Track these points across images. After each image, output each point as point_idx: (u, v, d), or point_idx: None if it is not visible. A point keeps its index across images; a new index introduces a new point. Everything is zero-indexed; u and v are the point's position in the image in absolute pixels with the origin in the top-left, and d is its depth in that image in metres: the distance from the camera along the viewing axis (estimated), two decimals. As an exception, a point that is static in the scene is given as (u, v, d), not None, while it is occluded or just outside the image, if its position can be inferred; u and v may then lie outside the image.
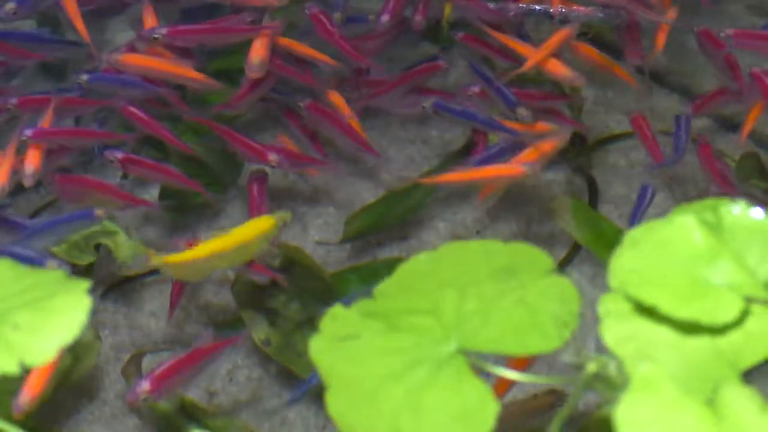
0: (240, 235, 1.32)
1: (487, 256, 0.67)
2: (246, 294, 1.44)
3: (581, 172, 1.70)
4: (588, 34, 1.65)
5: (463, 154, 1.71)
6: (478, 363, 0.64)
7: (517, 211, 1.62)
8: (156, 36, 1.53)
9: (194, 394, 1.47)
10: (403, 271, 0.67)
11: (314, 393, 1.35)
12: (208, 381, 1.52)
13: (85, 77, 1.60)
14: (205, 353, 1.31)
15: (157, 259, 1.26)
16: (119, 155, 1.49)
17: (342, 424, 0.64)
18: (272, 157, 1.47)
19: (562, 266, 1.52)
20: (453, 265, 0.67)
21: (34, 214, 1.71)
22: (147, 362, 1.46)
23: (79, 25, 1.64)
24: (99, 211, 1.49)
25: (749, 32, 1.67)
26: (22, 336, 0.62)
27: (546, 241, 1.59)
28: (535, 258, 0.66)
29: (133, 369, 1.44)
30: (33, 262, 1.38)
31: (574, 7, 1.63)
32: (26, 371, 0.63)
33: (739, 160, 1.52)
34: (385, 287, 0.67)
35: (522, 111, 1.49)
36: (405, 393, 0.63)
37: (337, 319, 0.66)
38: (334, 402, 0.64)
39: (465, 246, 0.67)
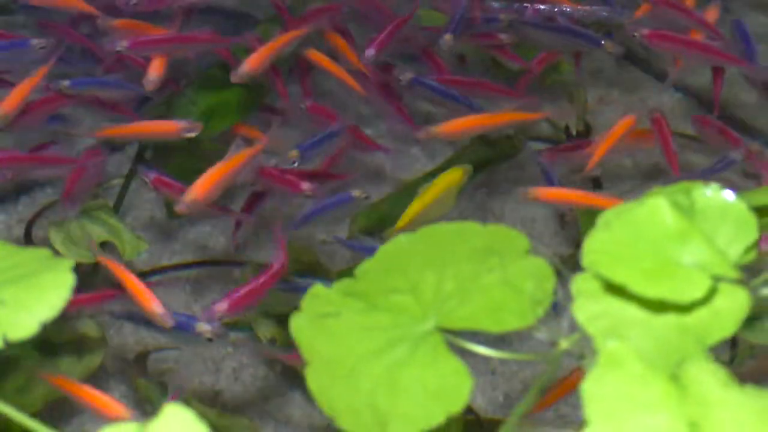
0: (443, 184, 1.44)
1: (465, 237, 0.69)
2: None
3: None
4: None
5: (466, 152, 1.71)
6: (454, 341, 0.66)
7: (522, 211, 1.63)
8: (118, 49, 1.52)
9: (200, 393, 1.50)
10: (384, 252, 0.69)
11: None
12: (213, 379, 1.54)
13: (66, 83, 1.60)
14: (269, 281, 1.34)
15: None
16: (152, 176, 1.48)
17: (321, 401, 0.65)
18: (305, 186, 1.45)
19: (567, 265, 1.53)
20: (432, 246, 0.69)
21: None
22: (152, 362, 1.48)
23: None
24: (356, 192, 1.49)
25: (665, 33, 1.63)
26: (7, 312, 0.63)
27: (551, 241, 1.61)
28: (512, 239, 0.68)
29: (138, 369, 1.46)
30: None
31: (579, 6, 1.65)
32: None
33: (745, 157, 1.54)
34: (366, 267, 0.69)
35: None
36: (383, 370, 0.65)
37: (318, 297, 0.68)
38: (313, 378, 0.66)
39: (444, 228, 0.69)
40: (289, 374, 1.51)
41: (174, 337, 1.38)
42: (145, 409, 1.41)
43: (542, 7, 1.66)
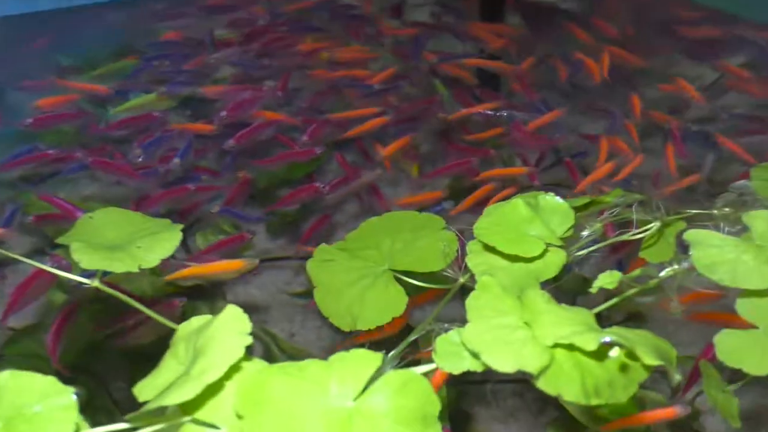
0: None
1: (409, 219, 0.72)
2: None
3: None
4: None
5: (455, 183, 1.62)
6: (397, 276, 0.69)
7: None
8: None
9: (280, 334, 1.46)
10: (363, 226, 0.72)
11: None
12: (289, 327, 1.52)
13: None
14: None
15: None
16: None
17: (322, 308, 0.68)
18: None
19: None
20: (390, 223, 0.72)
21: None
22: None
23: None
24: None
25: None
26: (142, 252, 0.65)
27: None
28: (435, 220, 0.71)
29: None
30: None
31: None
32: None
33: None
34: (352, 235, 0.71)
35: None
36: (356, 292, 0.68)
37: (323, 250, 0.71)
38: (318, 296, 0.69)
39: (398, 213, 0.72)
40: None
41: None
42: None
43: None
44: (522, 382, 1.31)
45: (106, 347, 1.22)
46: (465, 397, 1.28)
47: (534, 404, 1.30)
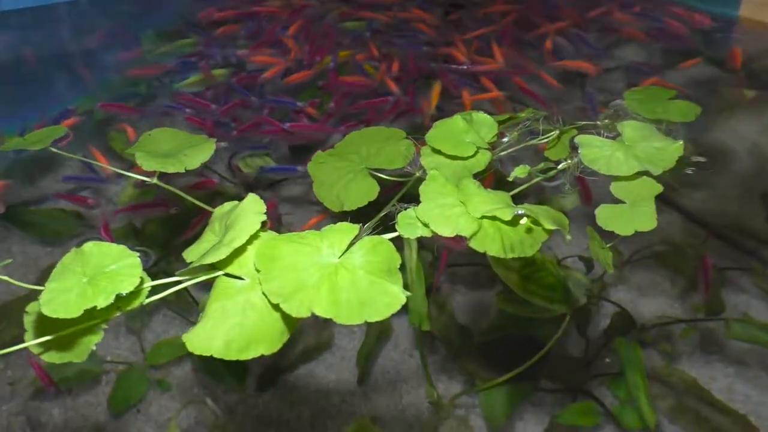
0: None
1: (380, 132, 0.67)
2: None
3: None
4: None
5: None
6: (372, 172, 0.66)
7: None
8: None
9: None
10: (348, 137, 0.67)
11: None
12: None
13: None
14: None
15: None
16: None
17: (319, 195, 0.65)
18: None
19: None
20: (367, 135, 0.67)
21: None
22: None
23: None
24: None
25: None
26: (186, 158, 0.61)
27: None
28: (398, 133, 0.67)
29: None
30: None
31: None
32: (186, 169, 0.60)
33: None
34: (339, 144, 0.67)
35: None
36: (343, 183, 0.64)
37: (319, 156, 0.66)
38: (316, 188, 0.65)
39: (372, 129, 0.68)
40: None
41: None
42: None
43: None
44: (478, 265, 1.29)
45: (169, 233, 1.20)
46: (439, 277, 1.27)
47: (486, 283, 1.30)
